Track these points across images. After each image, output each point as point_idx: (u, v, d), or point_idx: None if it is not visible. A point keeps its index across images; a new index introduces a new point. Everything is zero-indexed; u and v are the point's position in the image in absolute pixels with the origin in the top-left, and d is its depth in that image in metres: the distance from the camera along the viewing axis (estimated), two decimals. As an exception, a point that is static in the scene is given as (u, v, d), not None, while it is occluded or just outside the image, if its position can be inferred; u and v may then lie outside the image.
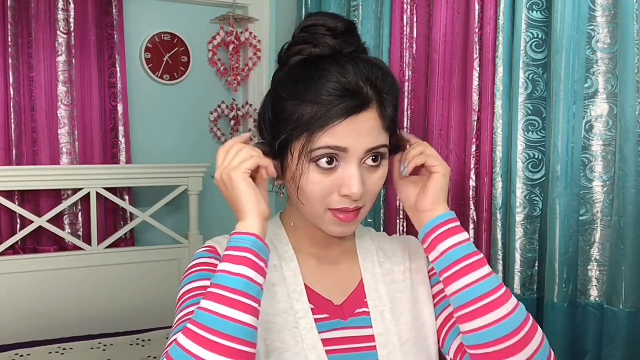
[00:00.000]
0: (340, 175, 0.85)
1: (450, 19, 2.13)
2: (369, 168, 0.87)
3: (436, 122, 2.18)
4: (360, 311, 0.94)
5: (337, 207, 0.86)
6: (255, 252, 0.79)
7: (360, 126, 0.83)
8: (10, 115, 2.64)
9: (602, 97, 1.71)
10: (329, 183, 0.85)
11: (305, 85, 0.84)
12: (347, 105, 0.82)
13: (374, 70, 0.86)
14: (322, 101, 0.82)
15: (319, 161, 0.84)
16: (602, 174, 1.72)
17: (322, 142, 0.83)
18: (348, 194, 0.85)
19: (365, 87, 0.84)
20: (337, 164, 0.85)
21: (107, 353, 2.38)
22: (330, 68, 0.84)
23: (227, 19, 3.08)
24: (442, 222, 0.88)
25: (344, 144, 0.83)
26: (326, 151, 0.84)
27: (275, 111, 0.88)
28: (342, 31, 0.88)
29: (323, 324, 0.91)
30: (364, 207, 0.89)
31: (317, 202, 0.87)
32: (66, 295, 2.67)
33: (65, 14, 2.74)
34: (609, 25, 1.68)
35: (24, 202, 2.71)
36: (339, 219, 0.87)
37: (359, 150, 0.84)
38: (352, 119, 0.83)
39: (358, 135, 0.84)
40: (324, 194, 0.86)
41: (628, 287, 1.60)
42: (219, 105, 3.18)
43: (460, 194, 2.11)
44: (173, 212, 3.06)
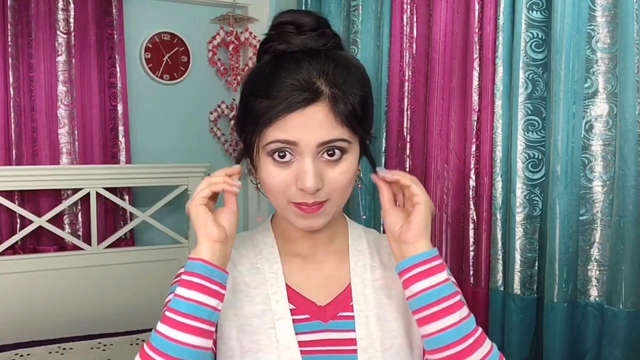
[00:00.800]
0: (295, 168, 0.85)
1: (450, 19, 2.13)
2: (328, 162, 0.86)
3: (436, 122, 2.18)
4: (343, 315, 0.93)
5: (297, 201, 0.87)
6: (204, 277, 0.82)
7: (309, 120, 0.83)
8: (10, 115, 2.64)
9: (602, 97, 1.71)
10: (286, 176, 0.86)
11: (262, 81, 0.86)
12: (295, 99, 0.83)
13: (330, 64, 0.85)
14: (273, 96, 0.83)
15: (273, 155, 0.85)
16: (602, 174, 1.72)
17: (272, 136, 0.84)
18: (302, 188, 0.84)
19: (317, 82, 0.84)
20: (292, 158, 0.85)
21: (107, 353, 2.38)
22: (286, 65, 0.85)
23: (227, 19, 3.08)
24: (420, 262, 0.87)
25: (293, 138, 0.83)
26: (277, 145, 0.84)
27: (240, 108, 0.91)
28: (311, 28, 0.88)
29: (302, 325, 0.91)
30: (329, 200, 0.88)
31: (278, 195, 0.87)
32: (66, 295, 2.67)
33: (65, 14, 2.74)
34: (609, 25, 1.68)
35: (24, 202, 2.71)
36: (302, 210, 0.87)
37: (310, 144, 0.84)
38: (299, 113, 0.83)
39: (307, 130, 0.83)
40: (283, 187, 0.86)
41: (628, 287, 1.60)
42: (219, 105, 3.18)
43: (460, 194, 2.11)
44: (173, 212, 3.06)
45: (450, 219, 2.15)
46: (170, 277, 1.00)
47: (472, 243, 2.05)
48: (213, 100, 3.18)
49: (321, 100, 0.84)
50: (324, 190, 0.86)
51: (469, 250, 2.06)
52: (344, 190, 0.89)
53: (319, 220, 0.89)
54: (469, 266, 2.05)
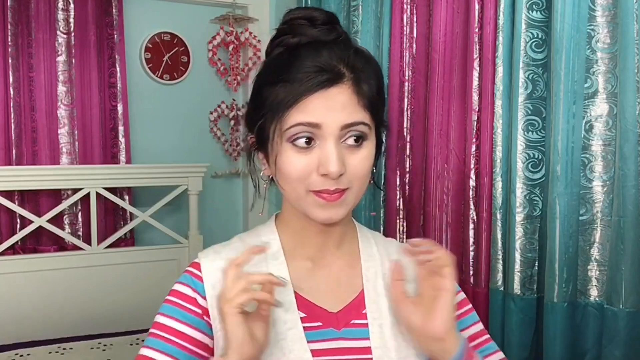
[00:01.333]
0: (317, 154, 0.82)
1: (450, 19, 2.13)
2: (350, 148, 0.84)
3: (436, 122, 2.18)
4: (357, 322, 0.91)
5: (318, 189, 0.83)
6: None
7: (332, 101, 0.81)
8: (10, 115, 2.64)
9: (602, 97, 1.71)
10: (307, 162, 0.82)
11: (279, 69, 0.84)
12: (318, 80, 0.81)
13: (349, 51, 0.85)
14: (293, 79, 0.82)
15: (295, 141, 0.82)
16: (602, 174, 1.72)
17: (294, 119, 0.81)
18: (326, 173, 0.81)
19: (338, 65, 0.83)
20: (314, 143, 0.83)
21: (107, 353, 2.38)
22: (305, 52, 0.84)
23: (227, 19, 3.08)
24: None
25: (316, 120, 0.81)
26: (299, 129, 0.82)
27: (253, 101, 0.89)
28: (322, 22, 0.87)
29: (314, 333, 0.88)
30: (349, 189, 0.85)
31: (297, 183, 0.84)
32: (66, 295, 2.67)
33: (65, 14, 2.74)
34: (609, 25, 1.68)
35: (24, 202, 2.71)
36: (322, 199, 0.83)
37: (334, 126, 0.82)
38: (322, 94, 0.81)
39: (330, 111, 0.81)
40: (303, 174, 0.83)
41: (628, 287, 1.60)
42: (219, 105, 3.18)
43: (460, 194, 2.11)
44: (173, 212, 3.06)
45: (450, 219, 2.15)
46: (171, 277, 1.00)
47: (472, 243, 2.05)
48: (213, 100, 3.18)
49: (344, 81, 0.83)
50: (346, 177, 0.83)
51: (469, 250, 2.06)
52: (364, 179, 0.87)
53: (339, 211, 0.85)
54: (469, 266, 2.05)
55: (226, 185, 3.23)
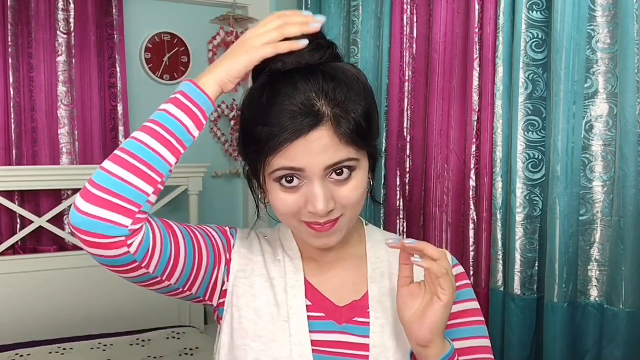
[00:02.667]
0: (304, 192, 0.84)
1: (450, 19, 2.13)
2: (337, 182, 0.84)
3: (436, 122, 2.18)
4: (359, 320, 0.92)
5: (308, 221, 0.86)
6: (183, 93, 0.85)
7: (312, 146, 0.81)
8: (10, 115, 2.64)
9: (602, 97, 1.71)
10: (295, 200, 0.85)
11: (260, 108, 0.84)
12: (296, 126, 0.80)
13: (328, 83, 0.82)
14: (273, 124, 0.81)
15: (280, 181, 0.84)
16: (602, 174, 1.72)
17: (277, 164, 0.82)
18: (313, 212, 0.83)
19: (317, 103, 0.81)
20: (300, 182, 0.84)
21: (107, 353, 2.38)
22: (282, 89, 0.82)
23: (227, 19, 3.08)
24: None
25: (299, 165, 0.82)
26: (283, 172, 0.83)
27: (241, 132, 0.89)
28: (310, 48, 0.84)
29: (316, 323, 0.91)
30: (343, 216, 0.86)
31: (288, 217, 0.87)
32: (66, 295, 2.67)
33: (65, 14, 2.74)
34: (609, 25, 1.68)
35: (24, 202, 2.71)
36: (314, 229, 0.86)
37: (317, 169, 0.82)
38: (302, 140, 0.80)
39: (311, 155, 0.81)
40: (292, 210, 0.86)
41: (628, 287, 1.60)
42: (219, 105, 3.18)
43: (460, 194, 2.11)
44: (173, 212, 3.06)
45: (450, 219, 2.15)
46: None
47: (472, 243, 2.05)
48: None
49: (323, 123, 0.81)
50: (336, 209, 0.85)
51: (469, 250, 2.06)
52: (357, 205, 0.88)
53: (333, 238, 0.88)
54: (469, 266, 2.05)
55: (226, 185, 3.22)
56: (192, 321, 2.89)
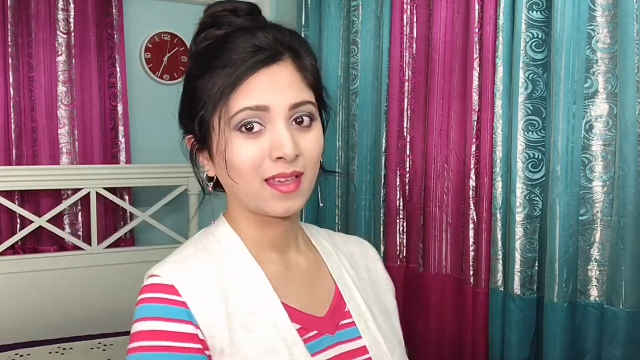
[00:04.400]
0: (268, 138, 0.77)
1: (450, 19, 2.13)
2: (299, 129, 0.79)
3: (436, 122, 2.18)
4: (344, 322, 0.88)
5: (273, 174, 0.77)
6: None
7: (277, 79, 0.77)
8: (10, 115, 2.64)
9: (602, 97, 1.71)
10: (258, 149, 0.77)
11: (213, 55, 0.79)
12: (257, 58, 0.76)
13: (283, 31, 0.81)
14: (231, 62, 0.77)
15: (242, 127, 0.77)
16: (602, 174, 1.72)
17: (240, 104, 0.76)
18: (281, 156, 0.76)
19: (275, 45, 0.79)
20: (262, 128, 0.77)
21: (107, 353, 2.38)
22: (237, 34, 0.80)
23: (227, 19, 3.08)
24: None
25: (263, 102, 0.76)
26: (246, 114, 0.77)
27: (188, 94, 0.83)
28: (245, 12, 0.84)
29: (314, 344, 0.83)
30: (304, 175, 0.80)
31: (250, 174, 0.78)
32: (66, 295, 2.67)
33: (65, 14, 2.74)
34: (609, 25, 1.68)
35: (24, 202, 2.70)
36: (279, 191, 0.78)
37: (282, 106, 0.77)
38: (265, 72, 0.77)
39: (276, 90, 0.77)
40: (256, 163, 0.77)
41: (628, 287, 1.60)
42: (219, 105, 3.18)
43: (460, 194, 2.11)
44: (173, 212, 3.05)
45: (450, 219, 2.15)
46: None
47: (472, 243, 2.05)
48: (213, 100, 3.18)
49: (284, 59, 0.79)
50: (300, 160, 0.79)
51: (469, 250, 2.06)
52: (317, 163, 0.82)
53: (297, 202, 0.81)
54: (469, 266, 2.05)
55: (226, 185, 3.22)
56: (192, 321, 2.89)
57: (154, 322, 0.76)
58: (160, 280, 0.80)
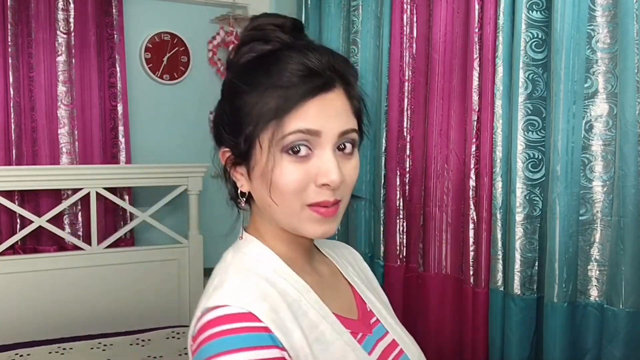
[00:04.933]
0: (315, 163, 0.77)
1: (450, 19, 2.13)
2: (342, 156, 0.80)
3: (436, 122, 2.18)
4: (373, 321, 0.91)
5: (317, 200, 0.78)
6: None
7: (329, 107, 0.78)
8: (10, 115, 2.64)
9: (602, 97, 1.71)
10: (304, 173, 0.77)
11: (265, 72, 0.79)
12: (314, 84, 0.77)
13: (334, 54, 0.81)
14: (286, 84, 0.76)
15: (290, 150, 0.77)
16: (602, 174, 1.72)
17: (293, 126, 0.76)
18: (327, 182, 0.77)
19: (328, 69, 0.79)
20: (309, 152, 0.77)
21: (107, 353, 2.38)
22: (289, 53, 0.79)
23: (227, 19, 3.08)
24: None
25: (316, 127, 0.77)
26: (298, 136, 0.76)
27: (234, 108, 0.82)
28: (290, 28, 0.84)
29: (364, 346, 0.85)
30: (341, 201, 0.81)
31: (292, 197, 0.78)
32: (66, 295, 2.67)
33: (65, 14, 2.74)
34: (609, 25, 1.68)
35: (24, 202, 2.71)
36: (319, 214, 0.78)
37: (332, 133, 0.78)
38: (320, 99, 0.77)
39: (328, 117, 0.78)
40: (300, 187, 0.77)
41: (628, 287, 1.60)
42: (219, 105, 3.18)
43: (460, 194, 2.11)
44: (173, 212, 3.06)
45: (450, 219, 2.15)
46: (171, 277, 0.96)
47: (472, 243, 2.05)
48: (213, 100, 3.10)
49: (337, 86, 0.80)
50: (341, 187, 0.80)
51: (469, 250, 2.06)
52: (351, 190, 0.84)
53: (333, 226, 0.81)
54: (469, 266, 2.05)
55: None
56: (192, 321, 2.89)
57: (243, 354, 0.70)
58: (233, 310, 0.74)
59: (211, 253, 3.06)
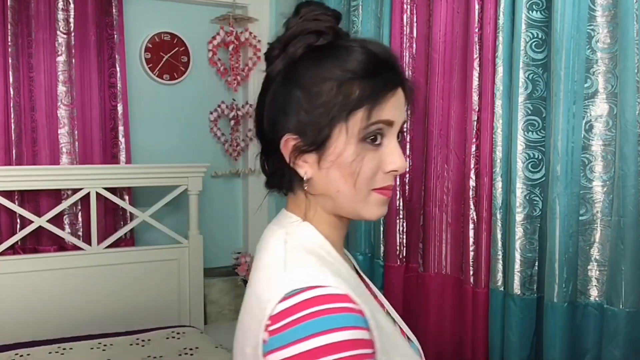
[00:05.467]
0: (384, 151, 0.82)
1: (450, 19, 2.13)
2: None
3: (436, 122, 2.18)
4: (386, 312, 0.93)
5: (385, 184, 0.82)
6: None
7: (400, 99, 0.83)
8: (10, 115, 2.64)
9: (602, 97, 1.71)
10: (378, 161, 0.81)
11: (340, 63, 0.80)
12: (394, 77, 0.82)
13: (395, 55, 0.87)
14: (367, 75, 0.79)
15: (368, 139, 0.80)
16: (602, 174, 1.72)
17: (379, 116, 0.79)
18: (396, 169, 0.82)
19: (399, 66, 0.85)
20: (381, 141, 0.81)
21: (107, 353, 2.38)
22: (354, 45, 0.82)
23: (227, 19, 3.08)
24: None
25: (393, 118, 0.81)
26: (379, 127, 0.80)
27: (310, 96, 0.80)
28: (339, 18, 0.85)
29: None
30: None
31: (365, 183, 0.81)
32: (66, 295, 2.67)
33: (65, 14, 2.74)
34: (609, 25, 1.68)
35: (24, 202, 2.71)
36: (384, 195, 0.83)
37: (399, 124, 0.83)
38: (397, 92, 0.82)
39: (398, 109, 0.83)
40: (373, 173, 0.81)
41: (628, 287, 1.61)
42: (219, 105, 3.18)
43: (460, 194, 2.11)
44: (173, 212, 3.06)
45: (450, 219, 2.15)
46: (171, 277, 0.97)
47: (472, 243, 2.05)
48: (213, 100, 3.18)
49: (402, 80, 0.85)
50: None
51: (469, 250, 2.06)
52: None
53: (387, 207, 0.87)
54: (469, 266, 2.05)
55: (226, 185, 3.22)
56: (192, 321, 2.89)
57: (352, 332, 0.71)
58: (333, 291, 0.73)
59: (211, 253, 3.07)
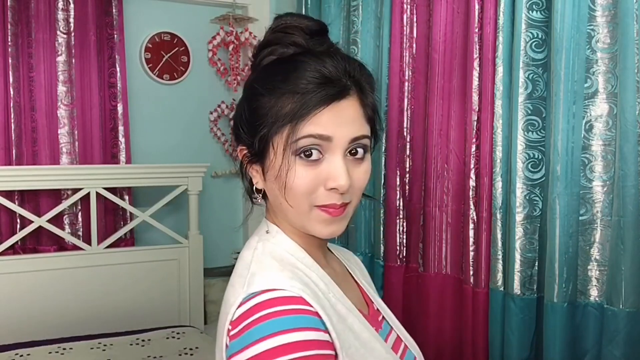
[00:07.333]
0: (325, 168, 0.81)
1: (450, 19, 2.13)
2: (354, 161, 0.84)
3: (436, 122, 2.18)
4: (380, 318, 0.94)
5: (325, 203, 0.82)
6: None
7: (342, 114, 0.81)
8: (10, 115, 2.64)
9: (602, 97, 1.71)
10: (315, 176, 0.81)
11: (282, 77, 0.82)
12: (328, 92, 0.80)
13: (350, 62, 0.85)
14: (301, 90, 0.80)
15: (302, 154, 0.80)
16: (602, 174, 1.72)
17: (306, 131, 0.79)
18: (335, 187, 0.80)
19: (344, 77, 0.83)
20: (320, 156, 0.81)
21: (107, 353, 2.38)
22: (307, 60, 0.83)
23: (227, 19, 3.08)
24: None
25: (328, 133, 0.80)
26: (310, 141, 0.80)
27: (252, 109, 0.85)
28: (314, 31, 0.86)
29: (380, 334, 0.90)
30: (350, 203, 0.85)
31: (302, 198, 0.82)
32: (66, 296, 2.67)
33: (65, 14, 2.74)
34: (609, 25, 1.68)
35: (24, 202, 2.71)
36: (328, 213, 0.82)
37: (343, 139, 0.81)
38: (334, 107, 0.80)
39: (341, 124, 0.81)
40: (310, 189, 0.81)
41: (628, 287, 1.60)
42: (219, 105, 3.18)
43: (460, 194, 2.11)
44: (173, 212, 3.06)
45: (450, 219, 2.15)
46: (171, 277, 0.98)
47: (472, 243, 2.05)
48: (213, 100, 3.18)
49: (351, 94, 0.83)
50: (349, 191, 0.83)
51: (469, 250, 2.06)
52: (360, 193, 0.87)
53: (340, 226, 0.85)
54: (469, 266, 2.05)
55: (226, 185, 3.23)
56: (192, 321, 2.89)
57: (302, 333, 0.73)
58: (285, 294, 0.76)
59: (211, 253, 3.07)
